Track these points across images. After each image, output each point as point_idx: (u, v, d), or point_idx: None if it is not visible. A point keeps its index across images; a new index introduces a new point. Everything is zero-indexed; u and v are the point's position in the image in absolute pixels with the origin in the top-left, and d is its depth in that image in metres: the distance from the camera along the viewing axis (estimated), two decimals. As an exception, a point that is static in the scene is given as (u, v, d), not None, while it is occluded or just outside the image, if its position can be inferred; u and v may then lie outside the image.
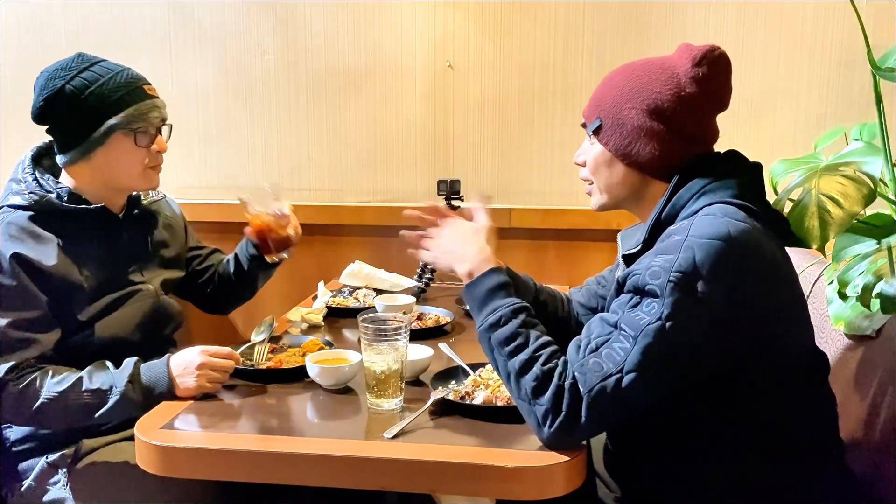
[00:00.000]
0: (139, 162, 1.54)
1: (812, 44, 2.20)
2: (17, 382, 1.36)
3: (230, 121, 2.45)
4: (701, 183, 1.17)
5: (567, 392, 1.05)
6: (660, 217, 1.19)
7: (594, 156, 1.28)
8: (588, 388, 1.05)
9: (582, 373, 1.06)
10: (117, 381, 1.38)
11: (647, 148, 1.20)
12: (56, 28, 2.47)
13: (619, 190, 1.27)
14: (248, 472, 1.16)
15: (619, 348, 1.05)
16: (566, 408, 1.05)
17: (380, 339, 1.28)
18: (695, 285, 1.04)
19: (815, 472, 1.16)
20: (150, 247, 1.68)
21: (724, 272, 1.05)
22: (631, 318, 1.06)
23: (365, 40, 2.37)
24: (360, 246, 2.45)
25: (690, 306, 1.04)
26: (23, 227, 1.47)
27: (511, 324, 1.14)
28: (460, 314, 1.95)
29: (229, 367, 1.40)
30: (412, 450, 1.15)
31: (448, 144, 2.39)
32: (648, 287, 1.06)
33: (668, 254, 1.07)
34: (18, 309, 1.41)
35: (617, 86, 1.25)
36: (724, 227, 1.07)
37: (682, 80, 1.19)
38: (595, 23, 2.27)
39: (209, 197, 2.46)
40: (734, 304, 1.06)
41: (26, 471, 1.50)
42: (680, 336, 1.04)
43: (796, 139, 2.24)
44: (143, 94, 1.53)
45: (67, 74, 1.51)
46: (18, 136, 2.54)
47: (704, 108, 1.22)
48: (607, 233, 2.32)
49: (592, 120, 1.27)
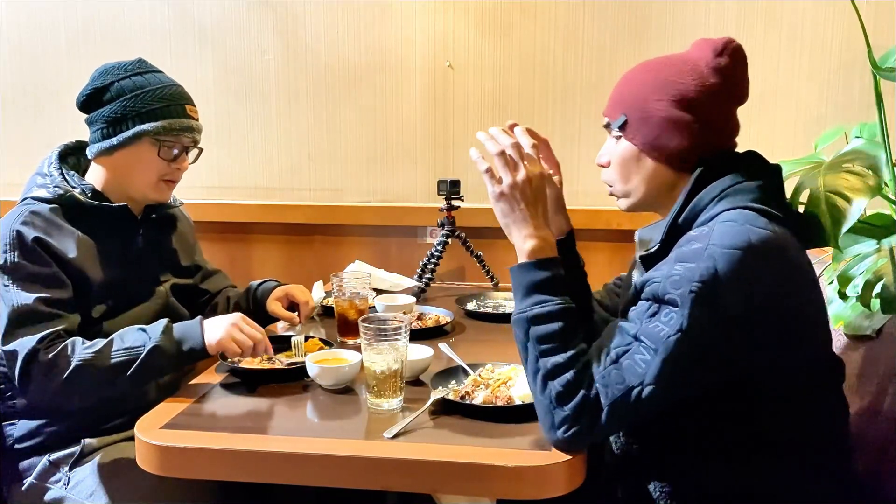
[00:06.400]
0: (156, 172, 1.57)
1: (812, 44, 2.20)
2: (48, 351, 1.37)
3: (230, 120, 2.46)
4: (721, 186, 1.15)
5: (591, 404, 1.06)
6: (678, 217, 1.18)
7: (620, 153, 1.24)
8: (609, 401, 1.05)
9: (604, 385, 1.06)
10: (151, 334, 1.39)
11: (675, 140, 1.19)
12: (56, 28, 2.48)
13: (647, 187, 1.24)
14: (248, 472, 1.16)
15: (639, 360, 1.05)
16: (586, 418, 1.06)
17: (380, 339, 1.28)
18: (715, 295, 1.03)
19: (825, 476, 1.16)
20: (164, 251, 1.71)
21: (745, 282, 1.04)
22: (651, 330, 1.05)
23: (365, 40, 2.37)
24: (360, 246, 2.46)
25: (710, 317, 1.03)
26: (46, 217, 1.50)
27: (556, 323, 1.11)
28: (460, 314, 1.95)
29: (257, 337, 1.43)
30: (412, 450, 1.14)
31: (448, 144, 2.40)
32: (668, 296, 1.05)
33: (688, 262, 1.05)
34: (46, 287, 1.44)
35: (639, 81, 1.23)
36: (745, 236, 1.05)
37: (704, 71, 1.19)
38: (595, 23, 2.28)
39: (209, 197, 2.46)
40: (755, 313, 1.05)
41: (28, 469, 1.51)
42: (699, 347, 1.04)
43: (796, 139, 2.24)
44: (183, 112, 1.57)
45: (121, 73, 1.55)
46: (18, 136, 2.55)
47: (727, 99, 1.21)
48: (607, 233, 2.32)
49: (616, 117, 1.24)
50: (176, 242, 1.75)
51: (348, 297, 1.70)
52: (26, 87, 2.54)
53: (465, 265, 2.42)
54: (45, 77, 2.51)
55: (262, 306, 1.74)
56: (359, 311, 1.68)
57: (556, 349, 1.10)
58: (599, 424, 1.06)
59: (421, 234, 2.44)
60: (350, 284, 1.72)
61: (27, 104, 2.55)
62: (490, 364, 1.43)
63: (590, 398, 1.06)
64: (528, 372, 1.13)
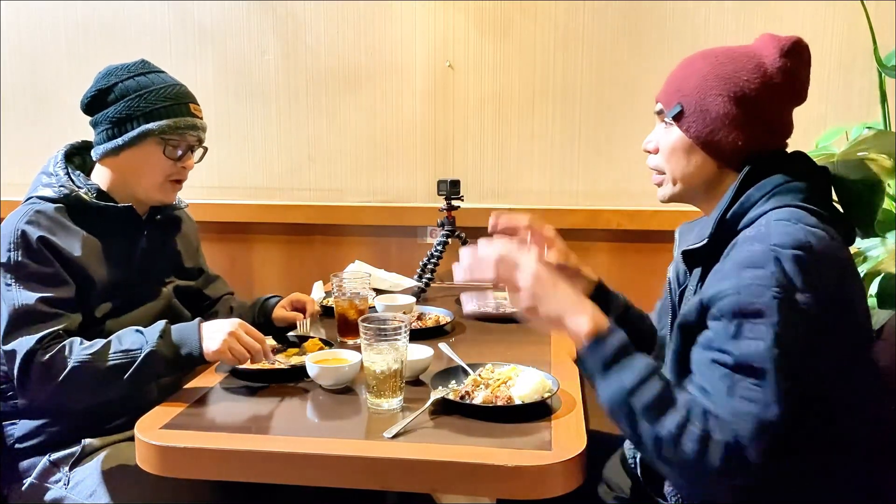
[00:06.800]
0: (162, 172, 1.57)
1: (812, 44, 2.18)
2: (46, 351, 1.37)
3: (230, 120, 2.46)
4: (772, 183, 1.13)
5: (733, 448, 0.99)
6: (726, 213, 1.15)
7: (671, 142, 1.21)
8: (748, 439, 0.99)
9: (733, 426, 1.00)
10: (148, 338, 1.39)
11: (731, 137, 1.16)
12: (56, 28, 2.48)
13: (694, 180, 1.21)
14: (248, 472, 1.16)
15: (752, 385, 1.00)
16: (736, 463, 0.99)
17: (380, 339, 1.28)
18: (794, 297, 1.00)
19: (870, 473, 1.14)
20: (169, 252, 1.71)
21: (816, 280, 1.02)
22: (746, 351, 1.01)
23: (365, 40, 2.38)
24: (360, 246, 2.46)
25: (797, 319, 1.00)
26: (51, 216, 1.50)
27: (654, 384, 1.05)
28: (460, 314, 1.95)
29: (256, 347, 1.41)
30: (412, 450, 1.14)
31: (448, 144, 2.40)
32: (752, 307, 1.01)
33: (755, 267, 1.02)
34: (49, 286, 1.44)
35: (699, 71, 1.19)
36: (802, 235, 1.04)
37: (769, 70, 1.16)
38: (595, 23, 2.28)
39: (209, 197, 2.46)
40: (830, 309, 1.03)
41: (28, 469, 1.51)
42: (800, 351, 1.01)
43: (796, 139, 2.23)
44: (187, 111, 1.57)
45: (124, 74, 1.56)
46: (18, 136, 2.55)
47: (788, 100, 1.19)
48: (607, 233, 2.32)
49: (672, 105, 1.20)
50: (180, 244, 1.75)
51: (348, 297, 1.70)
52: (26, 88, 2.54)
53: (465, 265, 2.42)
54: (45, 77, 2.51)
55: (269, 317, 1.74)
56: (359, 311, 1.68)
57: (668, 409, 1.03)
58: (752, 465, 0.99)
59: (421, 234, 2.44)
60: (350, 284, 1.72)
61: (27, 104, 2.55)
62: (490, 364, 1.43)
63: (731, 444, 0.99)
64: (647, 445, 1.05)
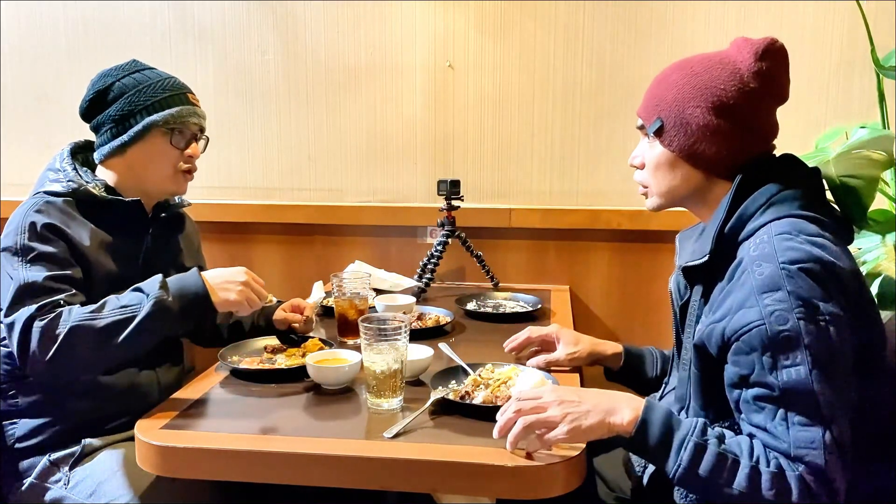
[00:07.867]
0: (172, 162, 1.59)
1: (812, 44, 2.20)
2: (44, 317, 1.35)
3: (230, 120, 2.46)
4: (767, 194, 1.14)
5: (808, 481, 0.99)
6: (723, 227, 1.15)
7: (655, 157, 1.22)
8: (819, 466, 0.99)
9: (803, 458, 1.00)
10: (148, 290, 1.37)
11: (713, 147, 1.17)
12: (56, 28, 2.48)
13: (681, 191, 1.22)
14: (248, 472, 1.16)
15: (804, 410, 1.00)
16: (823, 491, 0.99)
17: (380, 339, 1.28)
18: (817, 311, 1.01)
19: None
20: (172, 249, 1.72)
21: (832, 288, 1.03)
22: (790, 382, 1.01)
23: (365, 40, 2.38)
24: (360, 246, 2.46)
25: (826, 331, 1.01)
26: (60, 207, 1.51)
27: (709, 447, 1.04)
28: (460, 314, 1.95)
29: (264, 293, 1.44)
30: (412, 449, 1.15)
31: (448, 144, 2.40)
32: (782, 335, 1.01)
33: (772, 290, 1.03)
34: (56, 266, 1.44)
35: (675, 84, 1.20)
36: (807, 248, 1.04)
37: (745, 76, 1.17)
38: (595, 23, 2.28)
39: (209, 197, 2.46)
40: (849, 310, 1.03)
41: (28, 469, 1.51)
42: (834, 361, 1.01)
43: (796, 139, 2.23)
44: (186, 100, 1.60)
45: (119, 73, 1.58)
46: (18, 136, 2.55)
47: (768, 103, 1.20)
48: (607, 233, 2.32)
49: (652, 120, 1.22)
50: (182, 243, 1.76)
51: (348, 297, 1.70)
52: (26, 87, 2.54)
53: (465, 265, 2.42)
54: (45, 77, 2.51)
55: (270, 321, 1.74)
56: (359, 311, 1.68)
57: (734, 465, 1.02)
58: (835, 490, 1.00)
59: (421, 234, 2.44)
60: (350, 284, 1.72)
61: (27, 104, 2.55)
62: (490, 364, 1.43)
63: (805, 479, 0.99)
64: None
